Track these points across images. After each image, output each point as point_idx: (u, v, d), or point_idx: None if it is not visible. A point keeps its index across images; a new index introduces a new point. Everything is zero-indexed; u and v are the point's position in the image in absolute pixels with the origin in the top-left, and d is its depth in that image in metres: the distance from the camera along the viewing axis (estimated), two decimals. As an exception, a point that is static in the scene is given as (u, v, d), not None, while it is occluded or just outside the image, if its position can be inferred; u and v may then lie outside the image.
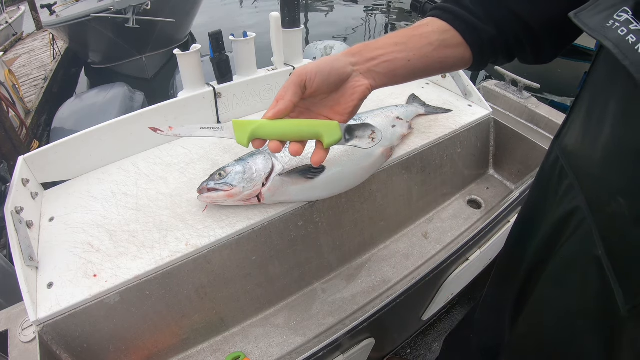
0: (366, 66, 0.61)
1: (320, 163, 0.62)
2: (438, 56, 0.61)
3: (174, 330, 0.84)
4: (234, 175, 0.81)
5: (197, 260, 0.79)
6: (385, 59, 0.60)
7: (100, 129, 0.97)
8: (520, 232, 0.71)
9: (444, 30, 0.61)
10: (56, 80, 5.93)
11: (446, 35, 0.61)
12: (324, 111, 0.63)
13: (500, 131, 1.35)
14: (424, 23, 0.63)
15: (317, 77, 0.58)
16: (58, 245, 0.79)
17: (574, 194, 0.50)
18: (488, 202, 1.30)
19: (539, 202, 0.62)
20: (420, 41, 0.61)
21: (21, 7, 9.52)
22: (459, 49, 0.61)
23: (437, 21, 0.62)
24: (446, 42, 0.61)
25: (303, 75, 0.58)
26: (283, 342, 0.92)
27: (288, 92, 0.58)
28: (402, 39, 0.61)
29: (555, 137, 0.57)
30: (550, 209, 0.56)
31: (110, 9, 5.04)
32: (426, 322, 1.47)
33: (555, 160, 0.55)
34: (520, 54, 0.62)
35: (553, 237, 0.55)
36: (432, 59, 0.62)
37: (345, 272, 1.08)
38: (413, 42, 0.61)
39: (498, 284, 0.79)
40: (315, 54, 3.39)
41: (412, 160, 1.09)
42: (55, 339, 0.69)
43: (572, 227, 0.51)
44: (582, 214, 0.48)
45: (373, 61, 0.61)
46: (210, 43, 1.08)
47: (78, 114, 3.35)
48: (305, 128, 0.58)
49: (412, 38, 0.61)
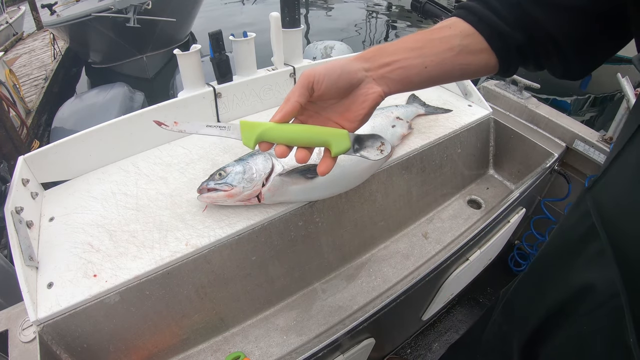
0: (379, 72, 0.57)
1: (327, 173, 0.58)
2: (459, 62, 0.56)
3: (174, 330, 0.84)
4: (234, 175, 0.81)
5: (197, 260, 0.79)
6: (400, 65, 0.56)
7: (100, 129, 0.97)
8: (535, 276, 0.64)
9: (467, 33, 0.55)
10: (57, 80, 5.94)
11: (469, 40, 0.55)
12: (333, 117, 0.59)
13: (500, 131, 1.35)
14: (446, 25, 0.58)
15: (325, 80, 0.54)
16: (58, 245, 0.79)
17: (605, 262, 0.41)
18: (488, 202, 1.30)
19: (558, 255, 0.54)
20: (439, 46, 0.56)
21: (21, 7, 9.52)
22: (483, 55, 0.56)
23: (461, 23, 0.56)
24: (469, 47, 0.55)
25: (311, 76, 0.55)
26: (283, 342, 0.92)
27: (294, 93, 0.55)
28: (418, 43, 0.56)
29: (588, 187, 0.50)
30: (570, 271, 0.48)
31: (111, 8, 5.05)
32: (426, 322, 1.47)
33: (584, 214, 0.47)
34: (549, 66, 0.56)
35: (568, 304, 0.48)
36: (451, 66, 0.56)
37: (345, 272, 1.08)
38: (431, 47, 0.56)
39: (507, 316, 0.73)
40: (315, 54, 3.39)
41: (412, 160, 1.09)
42: (55, 339, 0.69)
43: (596, 302, 0.42)
44: (612, 289, 0.39)
45: (387, 67, 0.56)
46: (210, 43, 1.08)
47: (78, 114, 3.36)
48: (313, 135, 0.57)
49: (430, 42, 0.56)
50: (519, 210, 1.25)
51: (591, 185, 0.49)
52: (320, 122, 0.59)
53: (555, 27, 0.50)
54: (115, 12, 5.03)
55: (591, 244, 0.44)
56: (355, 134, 0.60)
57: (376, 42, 8.32)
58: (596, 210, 0.45)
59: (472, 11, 0.56)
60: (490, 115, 1.25)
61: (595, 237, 0.43)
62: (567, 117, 1.32)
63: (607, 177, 0.46)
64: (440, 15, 1.57)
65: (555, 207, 1.39)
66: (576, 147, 1.26)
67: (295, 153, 0.57)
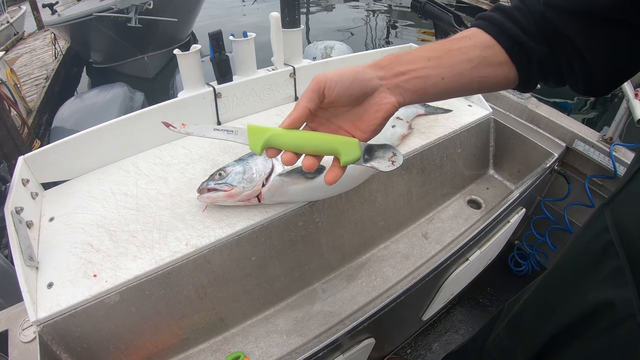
0: (394, 81, 0.54)
1: (334, 182, 0.56)
2: (477, 75, 0.54)
3: (174, 330, 0.84)
4: (234, 176, 0.81)
5: (197, 260, 0.79)
6: (417, 74, 0.53)
7: (100, 129, 0.97)
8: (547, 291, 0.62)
9: (487, 45, 0.53)
10: (57, 80, 5.94)
11: (489, 52, 0.53)
12: (345, 125, 0.57)
13: (500, 131, 1.35)
14: (465, 35, 0.55)
15: (337, 86, 0.52)
16: (58, 245, 0.79)
17: (622, 281, 0.40)
18: (488, 202, 1.30)
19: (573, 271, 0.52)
20: (457, 57, 0.53)
21: (22, 6, 9.54)
22: (503, 68, 0.53)
23: (481, 34, 0.54)
24: (488, 59, 0.53)
25: (322, 82, 0.52)
26: (283, 342, 0.92)
27: (304, 98, 0.53)
28: (437, 53, 0.54)
29: (605, 202, 0.48)
30: (587, 287, 0.46)
31: (112, 8, 5.05)
32: (426, 322, 1.47)
33: (602, 230, 0.45)
34: (571, 81, 0.53)
35: (583, 321, 0.46)
36: (470, 78, 0.54)
37: (345, 272, 1.08)
38: (449, 58, 0.53)
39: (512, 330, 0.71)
40: (315, 54, 3.39)
41: (412, 161, 1.09)
42: (55, 339, 0.69)
43: (611, 321, 0.41)
44: (629, 310, 0.38)
45: (402, 76, 0.54)
46: (210, 43, 1.08)
47: (78, 114, 3.36)
48: (322, 143, 0.55)
49: (448, 53, 0.54)
50: (519, 210, 1.25)
51: (610, 199, 0.47)
52: (332, 131, 0.57)
53: (579, 38, 0.47)
54: (117, 12, 5.04)
55: (609, 261, 0.43)
56: (367, 143, 0.58)
57: (376, 42, 8.31)
58: (615, 227, 0.43)
59: (493, 22, 0.54)
60: (490, 115, 1.25)
61: (614, 254, 0.42)
62: (567, 117, 1.32)
63: (627, 191, 0.45)
64: (441, 15, 1.57)
65: (555, 207, 1.39)
66: (576, 147, 1.26)
67: (303, 160, 0.55)
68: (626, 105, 1.15)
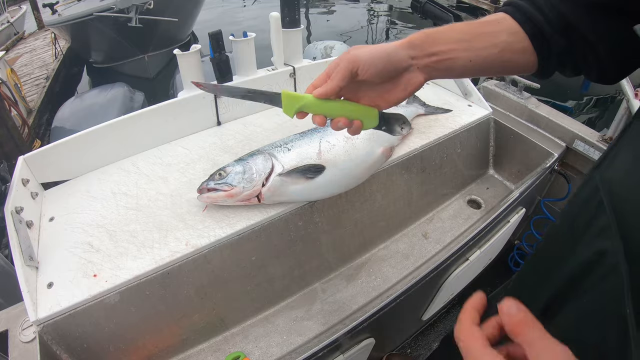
0: (425, 61, 0.57)
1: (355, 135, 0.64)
2: (501, 59, 0.57)
3: (174, 330, 0.84)
4: (234, 175, 0.81)
5: (197, 260, 0.79)
6: (447, 56, 0.57)
7: (100, 129, 0.97)
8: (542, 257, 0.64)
9: (513, 31, 0.55)
10: (58, 80, 5.94)
11: (514, 38, 0.55)
12: (371, 95, 0.61)
13: (500, 131, 1.35)
14: (494, 19, 0.58)
15: (370, 68, 0.56)
16: (58, 245, 0.79)
17: (610, 234, 0.43)
18: (488, 202, 1.30)
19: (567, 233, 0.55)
20: (487, 40, 0.56)
21: (22, 6, 9.53)
22: (525, 55, 0.56)
23: (508, 19, 0.56)
24: (512, 45, 0.55)
25: (356, 63, 0.56)
26: (283, 342, 0.92)
27: (337, 75, 0.57)
28: (467, 35, 0.56)
29: (595, 166, 0.51)
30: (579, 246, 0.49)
31: (112, 7, 5.04)
32: (426, 322, 1.47)
33: (593, 191, 0.48)
34: (586, 71, 0.56)
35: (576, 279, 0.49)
36: (494, 62, 0.57)
37: (345, 272, 1.08)
38: (479, 41, 0.56)
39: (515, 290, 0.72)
40: (315, 54, 3.39)
41: (412, 160, 1.09)
42: (55, 339, 0.69)
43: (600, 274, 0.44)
44: (614, 259, 0.41)
45: (434, 57, 0.57)
46: (210, 43, 1.08)
47: (78, 114, 3.36)
48: (348, 112, 0.62)
49: (478, 36, 0.56)
50: (519, 210, 1.25)
51: (598, 163, 0.50)
52: (356, 97, 0.62)
53: (587, 27, 0.50)
54: (117, 12, 5.03)
55: (600, 217, 0.45)
56: (382, 112, 0.64)
57: (376, 42, 8.30)
58: (604, 188, 0.46)
59: (520, 9, 0.56)
60: (490, 115, 1.25)
61: (603, 212, 0.44)
62: (567, 117, 1.32)
63: (614, 154, 0.48)
64: (441, 15, 1.57)
65: (555, 207, 1.39)
66: (576, 147, 1.26)
67: (332, 123, 0.62)
68: (626, 105, 1.15)
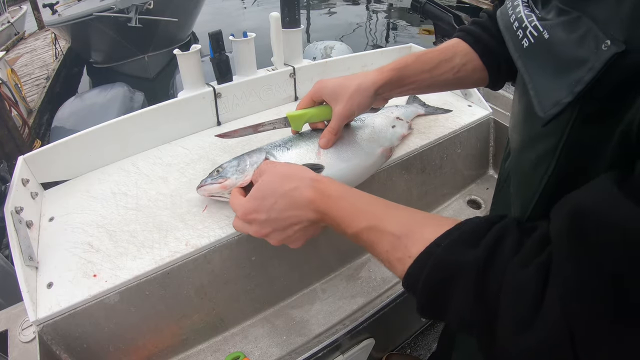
0: (392, 93, 0.69)
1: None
2: (456, 78, 0.66)
3: (173, 330, 0.84)
4: (229, 169, 0.82)
5: (197, 260, 0.79)
6: (412, 87, 0.68)
7: (100, 129, 0.97)
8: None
9: (465, 53, 0.64)
10: (58, 80, 5.95)
11: (466, 59, 0.64)
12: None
13: (500, 131, 1.35)
14: (450, 45, 0.67)
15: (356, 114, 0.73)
16: (58, 245, 0.79)
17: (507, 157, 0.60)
18: (488, 203, 1.30)
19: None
20: (445, 66, 0.65)
21: (23, 6, 9.55)
22: (476, 72, 0.65)
23: (461, 43, 0.65)
24: (466, 65, 0.64)
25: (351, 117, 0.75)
26: (283, 342, 0.92)
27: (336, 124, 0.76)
28: (429, 65, 0.66)
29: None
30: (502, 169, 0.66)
31: (112, 8, 5.06)
32: (426, 322, 1.47)
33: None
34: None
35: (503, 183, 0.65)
36: (450, 82, 0.67)
37: (345, 272, 1.08)
38: (438, 69, 0.65)
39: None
40: (315, 54, 3.40)
41: (412, 161, 1.09)
42: (55, 339, 0.69)
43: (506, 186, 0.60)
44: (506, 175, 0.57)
45: (401, 88, 0.68)
46: (210, 43, 1.08)
47: (78, 114, 3.37)
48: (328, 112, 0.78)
49: (439, 64, 0.65)
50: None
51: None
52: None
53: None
54: (117, 12, 5.04)
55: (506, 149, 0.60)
56: None
57: (376, 42, 8.30)
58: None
59: (470, 33, 0.65)
60: (490, 116, 1.25)
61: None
62: (567, 117, 1.31)
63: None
64: (441, 15, 1.58)
65: (555, 207, 1.39)
66: (577, 147, 1.26)
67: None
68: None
